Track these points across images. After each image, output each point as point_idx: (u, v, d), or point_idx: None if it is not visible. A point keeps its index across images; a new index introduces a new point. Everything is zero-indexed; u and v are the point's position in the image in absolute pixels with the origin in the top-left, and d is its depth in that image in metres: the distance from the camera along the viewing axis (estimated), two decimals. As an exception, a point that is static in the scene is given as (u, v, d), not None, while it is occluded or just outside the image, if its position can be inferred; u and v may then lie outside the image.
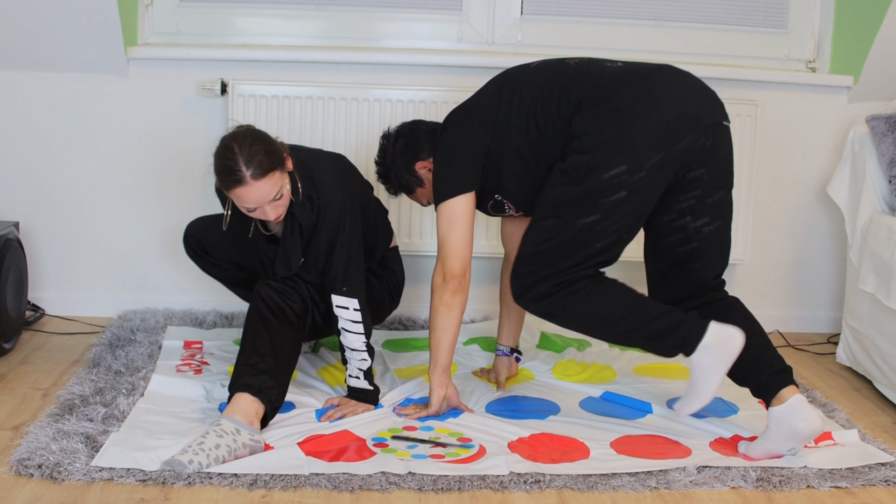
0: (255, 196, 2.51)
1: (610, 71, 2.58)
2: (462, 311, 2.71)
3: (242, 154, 2.48)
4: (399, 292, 3.12)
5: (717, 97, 2.61)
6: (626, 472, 2.40)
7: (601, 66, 2.61)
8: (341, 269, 2.70)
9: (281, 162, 2.56)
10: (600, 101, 2.50)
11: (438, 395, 2.73)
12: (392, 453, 2.49)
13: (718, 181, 2.58)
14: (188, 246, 3.05)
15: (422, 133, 2.84)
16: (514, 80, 2.67)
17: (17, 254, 3.27)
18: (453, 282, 2.67)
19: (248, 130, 2.57)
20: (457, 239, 2.67)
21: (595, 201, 2.47)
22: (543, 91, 2.59)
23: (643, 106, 2.46)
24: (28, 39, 3.38)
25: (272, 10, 3.65)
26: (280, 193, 2.56)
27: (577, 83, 2.57)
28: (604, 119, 2.48)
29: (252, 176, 2.48)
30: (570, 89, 2.56)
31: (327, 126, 3.51)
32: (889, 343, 3.01)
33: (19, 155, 3.56)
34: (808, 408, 2.48)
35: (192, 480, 2.28)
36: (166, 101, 3.55)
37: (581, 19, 3.72)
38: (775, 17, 3.79)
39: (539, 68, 2.68)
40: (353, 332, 2.73)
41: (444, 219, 2.68)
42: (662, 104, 2.47)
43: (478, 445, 2.55)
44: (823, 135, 3.76)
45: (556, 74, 2.62)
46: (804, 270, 3.84)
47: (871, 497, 2.36)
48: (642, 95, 2.48)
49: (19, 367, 3.07)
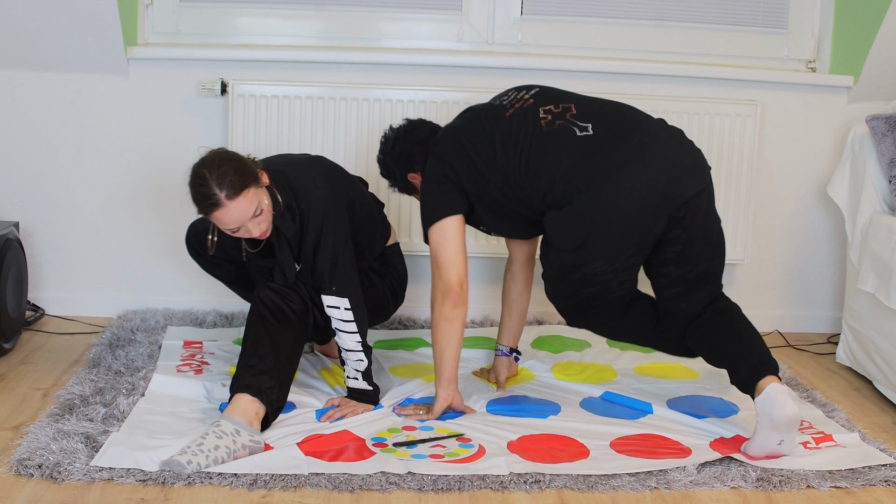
0: (234, 216, 2.54)
1: (578, 148, 2.57)
2: (463, 323, 2.71)
3: (213, 178, 2.51)
4: (403, 289, 3.11)
5: (692, 159, 2.62)
6: (626, 473, 2.40)
7: (570, 136, 2.59)
8: (327, 268, 2.70)
9: (254, 178, 2.58)
10: (565, 204, 2.57)
11: (441, 406, 2.73)
12: (392, 453, 2.49)
13: (697, 235, 2.63)
14: (190, 246, 3.06)
15: (416, 143, 2.84)
16: (491, 131, 2.67)
17: (17, 254, 3.27)
18: (451, 295, 2.67)
19: (215, 154, 2.60)
20: (448, 252, 2.68)
21: (590, 281, 2.64)
22: (514, 160, 2.63)
23: (608, 209, 2.53)
24: (28, 39, 3.38)
25: (272, 10, 3.65)
26: (259, 209, 2.58)
27: (543, 167, 2.60)
28: (572, 222, 2.58)
29: (227, 196, 2.51)
30: (538, 175, 2.60)
31: (327, 126, 3.51)
32: (889, 343, 3.01)
33: (19, 155, 3.56)
34: (782, 394, 2.46)
35: (192, 480, 2.28)
36: (166, 101, 3.55)
37: (581, 19, 3.72)
38: (775, 17, 3.79)
39: (512, 121, 2.66)
40: (346, 332, 2.73)
41: (434, 239, 2.70)
42: (628, 203, 2.51)
43: (477, 445, 2.55)
44: (823, 135, 3.76)
45: (526, 140, 2.62)
46: (804, 270, 3.84)
47: (871, 497, 2.36)
48: (602, 199, 2.52)
49: (19, 367, 3.07)
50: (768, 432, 2.48)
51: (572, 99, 2.70)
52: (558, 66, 3.63)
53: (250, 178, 2.56)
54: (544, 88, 2.77)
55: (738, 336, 2.64)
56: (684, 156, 2.61)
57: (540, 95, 2.72)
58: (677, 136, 2.65)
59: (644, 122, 2.66)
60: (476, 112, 2.76)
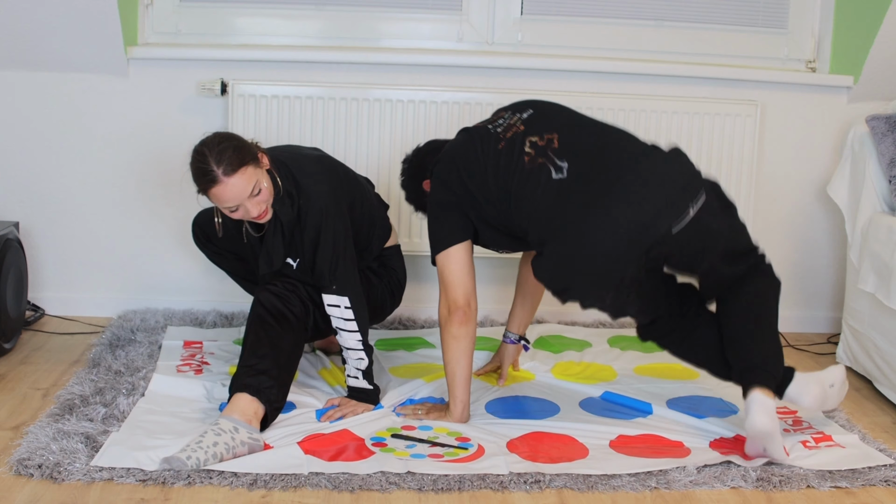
0: (231, 193, 2.56)
1: (550, 191, 2.54)
2: (472, 341, 2.69)
3: (212, 155, 2.54)
4: (401, 291, 3.11)
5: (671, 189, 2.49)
6: (626, 473, 2.40)
7: (546, 177, 2.55)
8: (328, 266, 2.70)
9: (253, 157, 2.60)
10: (541, 247, 2.56)
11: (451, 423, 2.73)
12: (391, 452, 2.49)
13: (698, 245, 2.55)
14: (195, 234, 3.08)
15: (427, 154, 2.88)
16: (485, 162, 2.64)
17: (17, 254, 3.27)
18: (458, 313, 2.66)
19: (216, 134, 2.64)
20: (455, 275, 2.67)
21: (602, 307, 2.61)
22: (503, 195, 2.62)
23: (576, 259, 2.50)
24: (28, 39, 3.38)
25: (272, 10, 3.65)
26: (258, 189, 2.60)
27: (522, 208, 2.58)
28: (549, 268, 2.55)
29: (224, 173, 2.53)
30: (519, 215, 2.59)
31: (327, 126, 3.51)
32: (889, 343, 3.01)
33: (19, 155, 3.56)
34: (756, 406, 2.45)
35: (192, 480, 2.28)
36: (166, 101, 3.55)
37: (581, 19, 3.72)
38: (775, 17, 3.79)
39: (501, 155, 2.63)
40: (347, 331, 2.73)
41: (441, 263, 2.69)
42: (593, 251, 2.46)
43: (476, 445, 2.55)
44: (823, 135, 3.76)
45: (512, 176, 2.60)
46: (804, 270, 3.83)
47: (871, 497, 2.36)
48: (567, 249, 2.50)
49: (19, 367, 3.07)
50: (751, 438, 2.49)
51: (558, 127, 2.63)
52: (558, 66, 3.63)
53: (249, 157, 2.59)
54: (539, 108, 2.72)
55: (747, 331, 2.61)
56: (659, 191, 2.49)
57: (531, 122, 2.66)
58: (658, 168, 2.53)
59: (624, 157, 2.55)
60: (472, 136, 2.71)
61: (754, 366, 2.55)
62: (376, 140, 3.53)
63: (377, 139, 3.53)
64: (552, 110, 2.73)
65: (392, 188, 3.54)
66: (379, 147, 3.53)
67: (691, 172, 2.56)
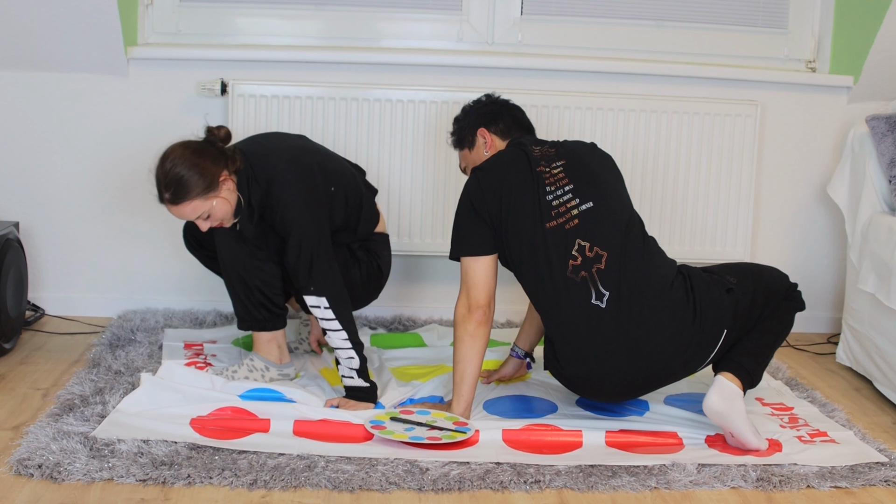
0: (178, 214, 2.71)
1: (583, 313, 2.58)
2: (486, 342, 2.69)
3: (164, 177, 2.65)
4: (379, 280, 3.07)
5: (688, 351, 2.60)
6: (626, 472, 2.40)
7: (584, 297, 2.57)
8: (303, 267, 2.73)
9: (205, 189, 2.65)
10: (559, 352, 2.67)
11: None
12: (390, 434, 2.51)
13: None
14: (186, 241, 3.09)
15: (508, 113, 2.88)
16: (533, 220, 2.63)
17: (17, 254, 3.27)
18: (478, 312, 2.65)
19: (183, 149, 2.68)
20: (480, 271, 2.67)
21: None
22: (529, 265, 2.65)
23: (600, 384, 2.67)
24: (28, 39, 3.38)
25: (272, 10, 3.65)
26: (206, 214, 2.68)
27: (551, 311, 2.64)
28: (565, 379, 2.72)
29: (168, 200, 2.65)
30: (540, 296, 2.65)
31: (327, 126, 3.51)
32: (889, 343, 3.01)
33: (19, 155, 3.56)
34: (714, 386, 2.55)
35: (191, 480, 2.28)
36: (166, 101, 3.55)
37: (581, 19, 3.72)
38: (775, 17, 3.79)
39: (549, 235, 2.61)
40: (332, 331, 2.74)
41: (464, 265, 2.70)
42: (619, 387, 2.67)
43: (473, 429, 2.58)
44: (823, 135, 3.76)
45: (549, 270, 2.62)
46: (804, 270, 3.83)
47: (871, 497, 2.36)
48: (580, 381, 2.69)
49: (19, 367, 3.07)
50: (710, 419, 2.59)
51: (609, 243, 2.58)
52: (558, 66, 3.63)
53: (198, 191, 2.64)
54: (576, 171, 2.68)
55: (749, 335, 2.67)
56: (677, 357, 2.58)
57: (585, 217, 2.60)
58: (685, 332, 2.56)
59: (659, 306, 2.55)
60: (528, 183, 2.66)
61: (729, 358, 2.62)
62: (376, 140, 3.53)
63: (377, 139, 3.53)
64: (589, 179, 2.68)
65: (392, 188, 3.54)
66: (379, 147, 3.53)
67: (712, 333, 2.59)
